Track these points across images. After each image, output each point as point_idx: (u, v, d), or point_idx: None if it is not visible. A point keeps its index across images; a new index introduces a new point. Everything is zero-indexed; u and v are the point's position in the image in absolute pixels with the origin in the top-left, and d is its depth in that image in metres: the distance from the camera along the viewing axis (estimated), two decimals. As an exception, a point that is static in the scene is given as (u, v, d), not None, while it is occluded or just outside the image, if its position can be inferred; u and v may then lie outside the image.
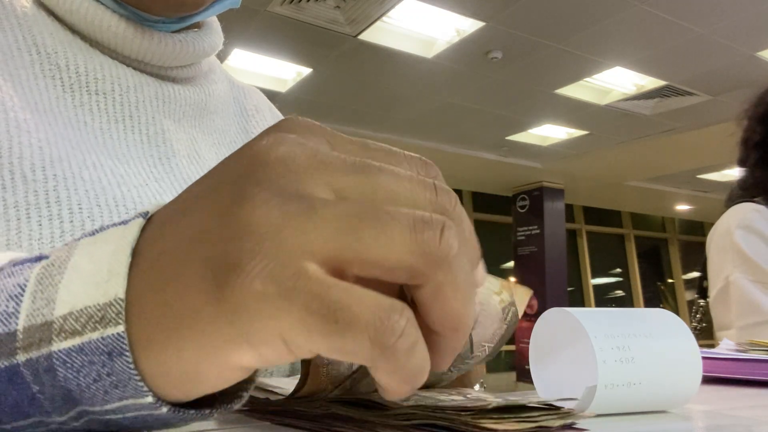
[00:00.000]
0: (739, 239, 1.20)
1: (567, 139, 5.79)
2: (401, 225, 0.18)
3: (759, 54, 3.97)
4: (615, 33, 3.71)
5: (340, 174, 0.19)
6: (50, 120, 0.42)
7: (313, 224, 0.18)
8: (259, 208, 0.18)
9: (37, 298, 0.20)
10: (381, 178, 0.20)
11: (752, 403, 0.46)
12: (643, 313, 0.40)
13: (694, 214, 9.11)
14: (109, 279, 0.19)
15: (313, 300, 0.17)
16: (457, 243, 0.19)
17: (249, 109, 0.62)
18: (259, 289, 0.17)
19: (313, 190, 0.19)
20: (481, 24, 3.60)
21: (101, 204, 0.40)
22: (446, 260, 0.18)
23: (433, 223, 0.19)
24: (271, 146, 0.20)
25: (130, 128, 0.47)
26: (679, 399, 0.39)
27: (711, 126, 5.24)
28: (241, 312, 0.18)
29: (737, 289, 1.18)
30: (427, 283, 0.19)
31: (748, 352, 0.65)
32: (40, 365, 0.20)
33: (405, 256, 0.18)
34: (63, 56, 0.45)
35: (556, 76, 4.39)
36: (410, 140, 5.81)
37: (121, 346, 0.19)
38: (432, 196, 0.20)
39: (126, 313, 0.19)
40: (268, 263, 0.17)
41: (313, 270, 0.18)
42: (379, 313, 0.17)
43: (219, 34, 0.55)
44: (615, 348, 0.35)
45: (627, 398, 0.36)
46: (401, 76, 4.37)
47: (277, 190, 0.19)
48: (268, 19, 3.52)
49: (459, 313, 0.19)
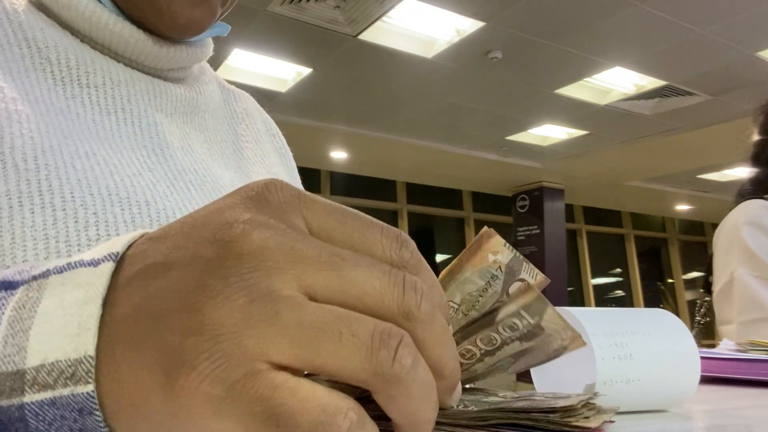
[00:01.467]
0: (746, 235, 1.20)
1: (567, 139, 5.79)
2: (359, 343, 0.19)
3: (759, 54, 3.97)
4: (615, 33, 3.71)
5: (312, 271, 0.20)
6: (42, 110, 0.42)
7: (274, 330, 0.18)
8: (222, 306, 0.18)
9: (8, 343, 0.20)
10: (351, 275, 0.20)
11: (752, 403, 0.46)
12: (641, 312, 0.40)
13: (694, 214, 9.12)
14: (79, 333, 0.20)
15: (257, 403, 0.18)
16: (411, 359, 0.19)
17: (239, 113, 0.62)
18: (206, 390, 0.18)
19: (281, 288, 0.19)
20: (481, 24, 3.60)
21: (94, 193, 0.40)
22: (397, 378, 0.19)
23: (391, 340, 0.19)
24: (247, 235, 0.20)
25: (123, 120, 0.46)
26: (678, 397, 0.39)
27: (711, 126, 5.24)
28: (186, 409, 0.18)
29: (741, 285, 1.18)
30: (380, 394, 0.19)
31: (748, 352, 0.65)
32: (11, 414, 0.20)
33: (359, 374, 0.19)
34: (54, 50, 0.45)
35: (556, 76, 4.39)
36: (410, 140, 5.81)
37: (90, 405, 0.19)
38: (399, 295, 0.20)
39: (95, 372, 0.19)
40: (221, 364, 0.18)
41: (264, 370, 0.18)
42: (322, 418, 0.18)
43: (209, 42, 0.56)
44: (613, 345, 0.36)
45: (625, 395, 0.36)
46: (401, 76, 4.37)
47: (244, 287, 0.19)
48: (268, 19, 3.52)
49: (415, 415, 0.20)
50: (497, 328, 0.28)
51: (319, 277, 0.20)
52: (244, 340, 0.18)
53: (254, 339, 0.18)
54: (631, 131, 5.49)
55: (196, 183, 0.48)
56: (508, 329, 0.28)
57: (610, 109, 4.96)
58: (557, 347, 0.29)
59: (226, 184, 0.51)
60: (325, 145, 5.91)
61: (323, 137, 5.64)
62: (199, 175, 0.49)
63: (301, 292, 0.20)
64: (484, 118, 5.26)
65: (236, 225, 0.20)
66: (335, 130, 5.50)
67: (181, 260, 0.20)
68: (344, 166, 6.64)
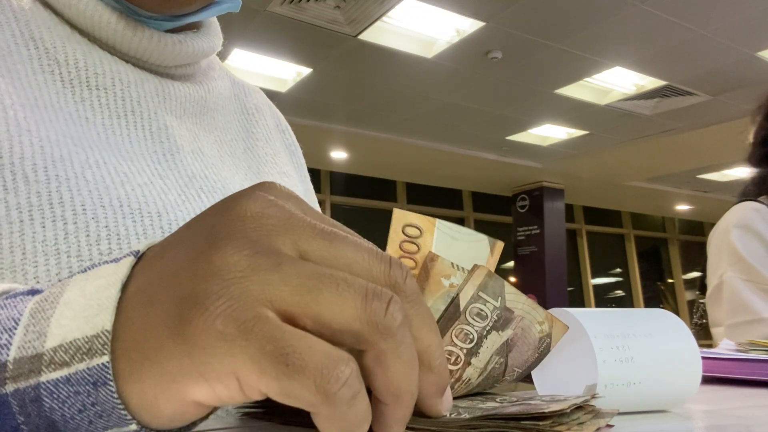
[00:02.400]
0: (735, 238, 1.21)
1: (567, 139, 5.79)
2: (354, 293, 0.20)
3: (759, 54, 3.97)
4: (615, 33, 3.71)
5: (308, 237, 0.22)
6: (51, 116, 0.41)
7: (277, 277, 0.20)
8: (231, 255, 0.20)
9: (29, 331, 0.21)
10: (343, 247, 0.22)
11: (752, 403, 0.46)
12: (642, 313, 0.40)
13: (694, 214, 9.11)
14: (98, 313, 0.20)
15: (267, 342, 0.19)
16: (401, 316, 0.21)
17: (249, 108, 0.61)
18: (219, 328, 0.19)
19: (281, 247, 0.21)
20: (481, 24, 3.60)
21: (105, 204, 0.39)
22: (389, 330, 0.20)
23: (382, 295, 0.20)
24: (249, 203, 0.22)
25: (133, 124, 0.46)
26: (679, 398, 0.39)
27: (711, 126, 5.24)
28: (200, 348, 0.19)
29: (729, 288, 1.19)
30: (371, 350, 0.20)
31: (748, 352, 0.65)
32: (27, 395, 0.20)
33: (353, 321, 0.20)
34: (62, 51, 0.44)
35: (556, 76, 4.39)
36: (410, 140, 5.81)
37: (105, 376, 0.20)
38: (386, 268, 0.22)
39: (111, 345, 0.20)
40: (231, 305, 0.19)
41: (271, 316, 0.19)
42: (327, 361, 0.19)
43: (218, 36, 0.55)
44: (614, 348, 0.36)
45: (626, 397, 0.36)
46: (401, 76, 4.37)
47: (249, 242, 0.20)
48: (268, 19, 3.52)
49: (400, 381, 0.21)
50: (466, 318, 0.28)
51: (313, 243, 0.21)
52: (251, 284, 0.19)
53: (259, 285, 0.19)
54: (631, 131, 5.49)
55: (206, 189, 0.48)
56: (477, 318, 0.28)
57: (610, 109, 4.96)
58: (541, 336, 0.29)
59: (236, 188, 0.50)
60: (325, 145, 5.91)
61: (323, 137, 5.64)
62: (209, 181, 0.48)
63: (298, 255, 0.21)
64: (484, 118, 5.25)
65: (239, 197, 0.22)
66: (335, 130, 5.50)
67: (190, 233, 0.22)
68: (344, 166, 6.64)
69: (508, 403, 0.29)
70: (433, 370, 0.22)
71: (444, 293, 0.30)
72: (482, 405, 0.29)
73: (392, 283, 0.22)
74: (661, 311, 0.40)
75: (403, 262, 0.24)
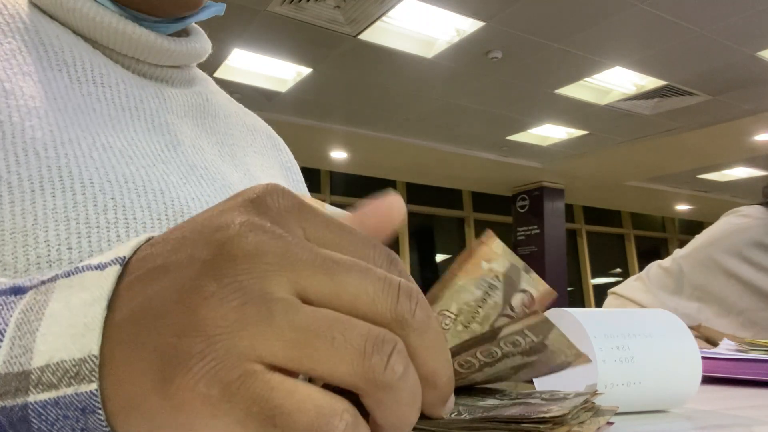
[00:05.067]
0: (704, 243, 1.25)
1: (567, 139, 5.79)
2: (351, 349, 0.19)
3: (759, 54, 3.97)
4: (615, 33, 3.71)
5: (307, 273, 0.20)
6: (60, 106, 0.44)
7: (268, 331, 0.18)
8: (218, 307, 0.19)
9: (15, 345, 0.20)
10: (345, 280, 0.20)
11: (752, 403, 0.46)
12: (642, 313, 0.40)
13: (694, 214, 9.11)
14: (84, 334, 0.20)
15: (254, 403, 0.18)
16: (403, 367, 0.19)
17: (248, 125, 0.64)
18: (203, 390, 0.18)
19: (275, 291, 0.19)
20: (481, 24, 3.60)
21: (111, 180, 0.42)
22: (388, 385, 0.19)
23: (384, 346, 0.19)
24: (242, 237, 0.20)
25: (137, 117, 0.49)
26: (679, 398, 0.39)
27: (711, 126, 5.24)
28: (184, 410, 0.18)
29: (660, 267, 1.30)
30: (369, 398, 0.19)
31: (748, 352, 0.65)
32: (14, 414, 0.20)
33: (349, 378, 0.19)
34: (69, 54, 0.47)
35: (556, 76, 4.39)
36: (410, 140, 5.81)
37: (93, 404, 0.19)
38: (392, 302, 0.20)
39: (99, 371, 0.20)
40: (215, 366, 0.18)
41: (259, 371, 0.18)
42: (318, 420, 0.18)
43: (207, 41, 0.58)
44: (614, 348, 0.36)
45: (626, 397, 0.36)
46: (401, 76, 4.37)
47: (238, 289, 0.19)
48: (268, 19, 3.52)
49: (399, 421, 0.20)
50: (499, 344, 0.27)
51: (313, 280, 0.20)
52: (238, 341, 0.18)
53: (248, 340, 0.18)
54: (631, 131, 5.49)
55: (207, 178, 0.50)
56: (510, 345, 0.27)
57: (610, 109, 4.96)
58: (561, 362, 0.28)
59: (235, 182, 0.52)
60: (325, 145, 5.91)
61: (323, 137, 5.64)
62: (209, 172, 0.51)
63: (295, 295, 0.20)
64: (484, 118, 5.25)
65: (232, 227, 0.20)
66: (335, 130, 5.50)
67: (178, 263, 0.20)
68: (344, 166, 6.64)
69: (508, 401, 0.28)
70: (437, 388, 0.22)
71: (480, 276, 0.29)
72: (482, 402, 0.29)
73: (399, 319, 0.21)
74: (661, 311, 0.40)
75: (414, 286, 0.22)
